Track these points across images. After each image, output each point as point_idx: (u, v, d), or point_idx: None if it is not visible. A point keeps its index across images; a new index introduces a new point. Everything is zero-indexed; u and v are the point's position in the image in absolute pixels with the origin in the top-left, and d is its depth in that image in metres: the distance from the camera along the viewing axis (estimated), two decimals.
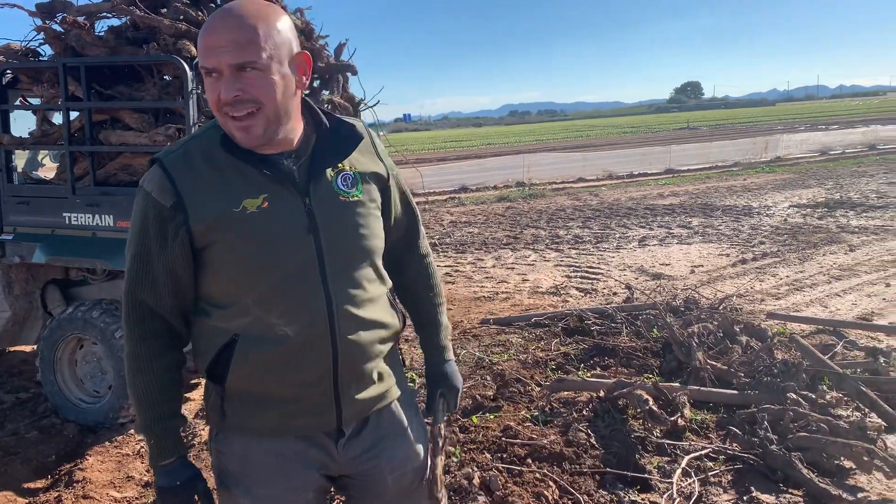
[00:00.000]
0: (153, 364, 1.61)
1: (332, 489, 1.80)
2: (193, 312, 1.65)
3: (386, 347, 1.71)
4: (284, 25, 1.52)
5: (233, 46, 1.43)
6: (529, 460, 3.49)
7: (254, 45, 1.44)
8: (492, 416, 4.06)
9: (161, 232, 1.54)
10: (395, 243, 1.80)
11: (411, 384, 1.90)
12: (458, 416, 4.07)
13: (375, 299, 1.66)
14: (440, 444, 1.84)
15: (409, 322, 1.89)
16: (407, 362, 1.98)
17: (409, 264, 1.89)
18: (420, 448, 1.80)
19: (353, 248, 1.62)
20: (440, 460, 1.83)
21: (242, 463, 1.65)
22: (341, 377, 1.60)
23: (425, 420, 1.89)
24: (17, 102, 4.81)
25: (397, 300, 1.83)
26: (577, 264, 8.66)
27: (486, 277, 8.26)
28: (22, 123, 4.84)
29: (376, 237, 1.67)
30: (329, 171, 1.61)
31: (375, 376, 1.68)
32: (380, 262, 1.71)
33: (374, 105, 5.25)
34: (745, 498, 3.22)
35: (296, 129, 1.60)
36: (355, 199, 1.63)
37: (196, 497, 1.64)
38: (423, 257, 1.92)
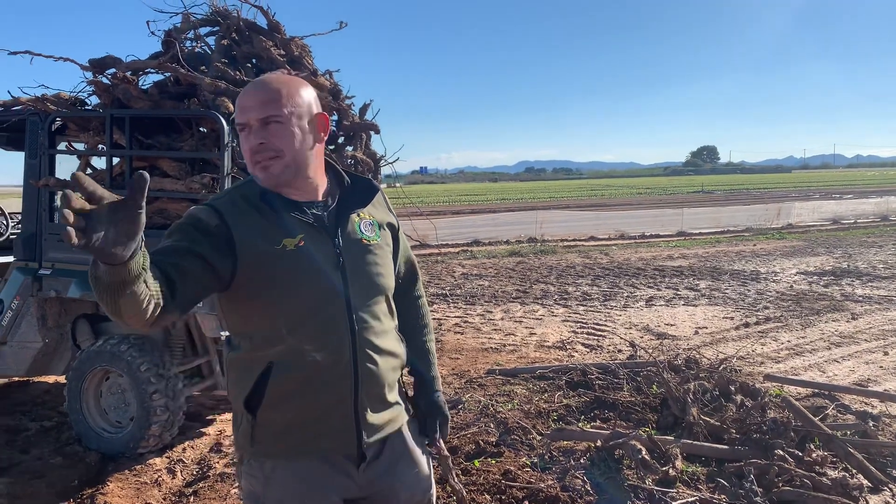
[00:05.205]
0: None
1: None
2: (230, 349, 1.84)
3: (396, 375, 1.94)
4: (306, 91, 1.83)
5: (259, 104, 1.74)
6: (526, 502, 3.68)
7: (275, 102, 1.75)
8: (493, 461, 4.25)
9: (206, 235, 1.69)
10: (397, 287, 2.04)
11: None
12: (461, 460, 4.27)
13: (388, 331, 1.91)
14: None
15: None
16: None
17: (406, 303, 2.13)
18: (425, 467, 2.03)
19: (372, 284, 1.87)
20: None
21: (270, 485, 1.82)
22: (360, 400, 1.81)
23: (426, 444, 2.09)
24: (64, 147, 5.17)
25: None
26: (584, 320, 8.83)
27: (495, 329, 8.45)
28: (65, 167, 5.17)
29: (390, 276, 1.94)
30: (354, 218, 1.88)
31: (389, 401, 1.90)
32: (391, 299, 1.96)
33: (394, 161, 5.58)
34: None
35: (319, 181, 1.88)
36: (374, 242, 1.90)
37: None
38: (418, 298, 2.21)
